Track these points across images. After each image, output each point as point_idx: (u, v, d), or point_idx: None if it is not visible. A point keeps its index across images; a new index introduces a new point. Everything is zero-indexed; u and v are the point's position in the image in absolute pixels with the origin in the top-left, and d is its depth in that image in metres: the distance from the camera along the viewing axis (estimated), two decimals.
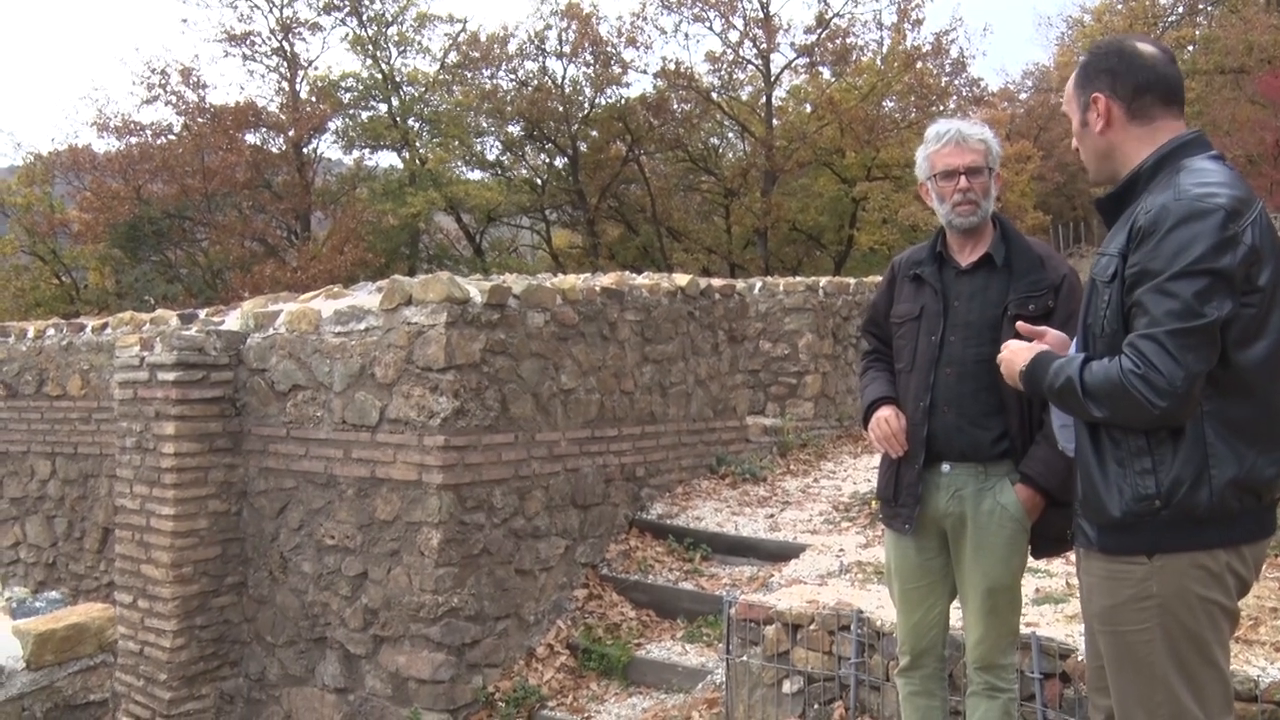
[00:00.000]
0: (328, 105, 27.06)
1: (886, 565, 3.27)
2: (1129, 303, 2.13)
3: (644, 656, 5.71)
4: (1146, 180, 2.21)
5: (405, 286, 5.79)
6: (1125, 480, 2.15)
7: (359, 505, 5.88)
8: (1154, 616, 2.14)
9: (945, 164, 3.07)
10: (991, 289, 3.06)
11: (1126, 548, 2.17)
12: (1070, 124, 2.38)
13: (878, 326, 3.34)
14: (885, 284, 3.31)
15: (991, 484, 3.01)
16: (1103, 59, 2.31)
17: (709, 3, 28.61)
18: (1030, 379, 2.33)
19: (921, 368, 3.08)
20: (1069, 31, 36.80)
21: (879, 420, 3.09)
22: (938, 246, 3.17)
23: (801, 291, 9.14)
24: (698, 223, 31.56)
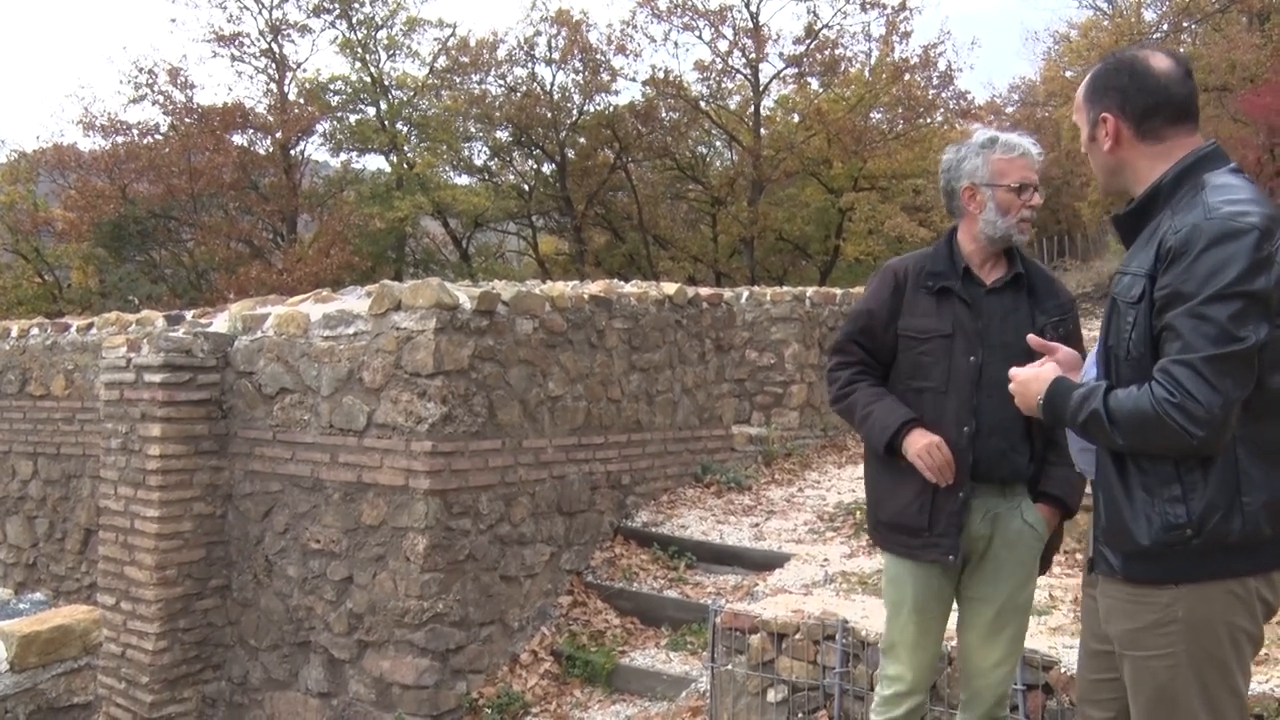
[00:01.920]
0: (316, 108, 27.00)
1: (897, 598, 3.02)
2: (1159, 325, 2.05)
3: (628, 664, 5.72)
4: (1167, 196, 2.14)
5: (395, 291, 5.80)
6: (1154, 509, 2.07)
7: (345, 510, 5.87)
8: (1178, 641, 2.08)
9: (1022, 177, 2.97)
10: (1021, 310, 3.00)
11: (1153, 577, 2.10)
12: (1080, 132, 2.34)
13: (870, 338, 3.06)
14: (887, 292, 3.05)
15: (1015, 504, 2.98)
16: (1113, 75, 2.23)
17: (699, 12, 28.69)
18: (1050, 409, 2.24)
19: (962, 390, 2.92)
20: (1055, 47, 37.04)
21: (930, 448, 2.86)
22: (957, 260, 3.03)
23: (788, 301, 9.18)
24: (684, 231, 31.61)
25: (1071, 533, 5.59)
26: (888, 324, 3.02)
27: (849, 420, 3.11)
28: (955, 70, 33.73)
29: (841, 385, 3.07)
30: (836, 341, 3.18)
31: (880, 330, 3.03)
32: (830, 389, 3.14)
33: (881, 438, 2.93)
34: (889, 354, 3.04)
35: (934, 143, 29.26)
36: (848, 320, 3.15)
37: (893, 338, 3.01)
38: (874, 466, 3.07)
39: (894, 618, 3.03)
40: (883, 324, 3.03)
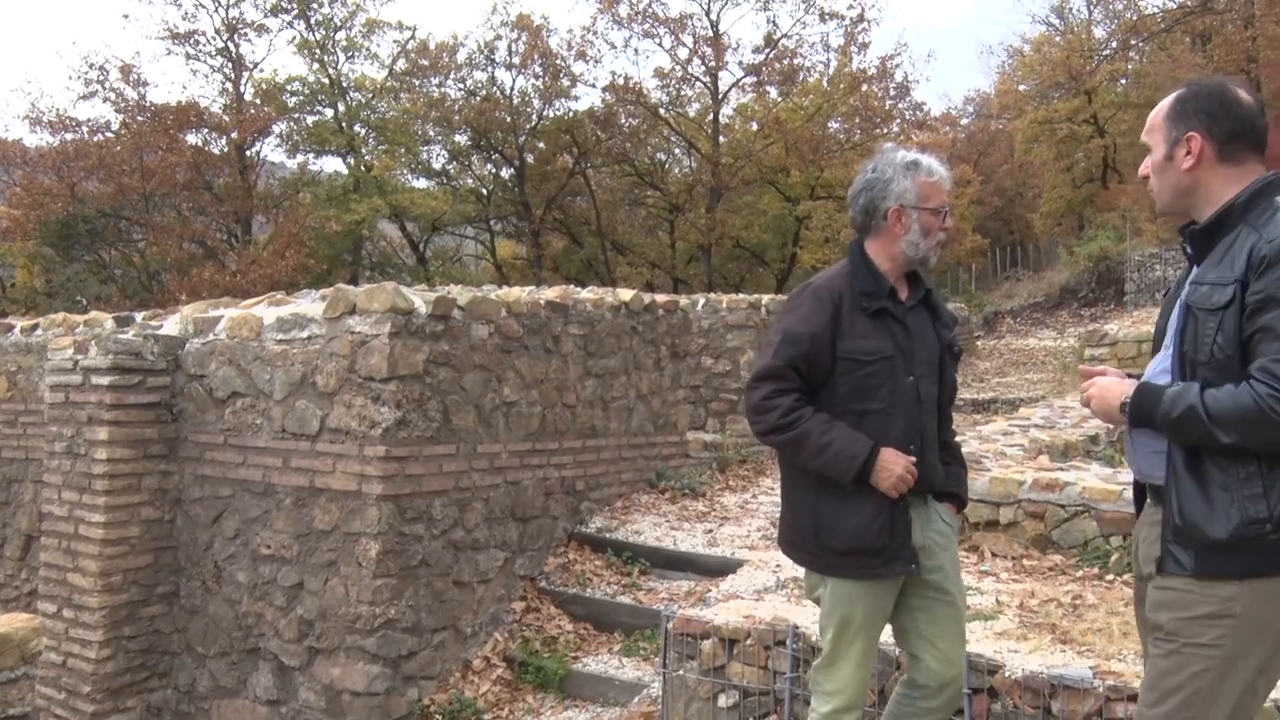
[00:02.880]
0: (272, 108, 26.74)
1: (846, 616, 2.98)
2: (1251, 328, 2.16)
3: (581, 670, 5.72)
4: (1240, 214, 2.27)
5: (349, 295, 5.77)
6: (1234, 505, 2.17)
7: (297, 515, 5.83)
8: (1230, 637, 2.17)
9: (941, 200, 3.05)
10: (929, 325, 3.09)
11: (1224, 570, 2.18)
12: (1153, 154, 2.43)
13: (810, 363, 2.96)
14: (827, 315, 2.96)
15: (932, 507, 3.09)
16: (1204, 100, 2.36)
17: (659, 19, 28.80)
18: (1139, 410, 2.30)
19: (907, 409, 2.96)
20: (1009, 60, 37.66)
21: (908, 467, 2.89)
22: (881, 279, 3.03)
23: (744, 309, 9.24)
24: (642, 237, 31.70)
25: (1009, 539, 5.68)
26: (829, 347, 2.94)
27: (793, 451, 2.95)
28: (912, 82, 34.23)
29: (783, 414, 2.92)
30: (769, 367, 2.97)
31: (822, 354, 2.94)
32: (764, 418, 2.95)
33: (851, 466, 2.87)
34: (823, 378, 2.97)
35: None
36: (781, 343, 2.96)
37: (831, 361, 2.94)
38: (816, 497, 2.99)
39: (841, 635, 2.99)
40: (825, 347, 2.94)
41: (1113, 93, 31.32)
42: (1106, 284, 22.36)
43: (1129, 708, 3.51)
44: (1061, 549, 5.54)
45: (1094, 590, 4.96)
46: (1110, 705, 3.55)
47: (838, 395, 2.95)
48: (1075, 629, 4.31)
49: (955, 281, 30.44)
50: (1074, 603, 4.73)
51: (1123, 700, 3.52)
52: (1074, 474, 5.88)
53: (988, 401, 12.63)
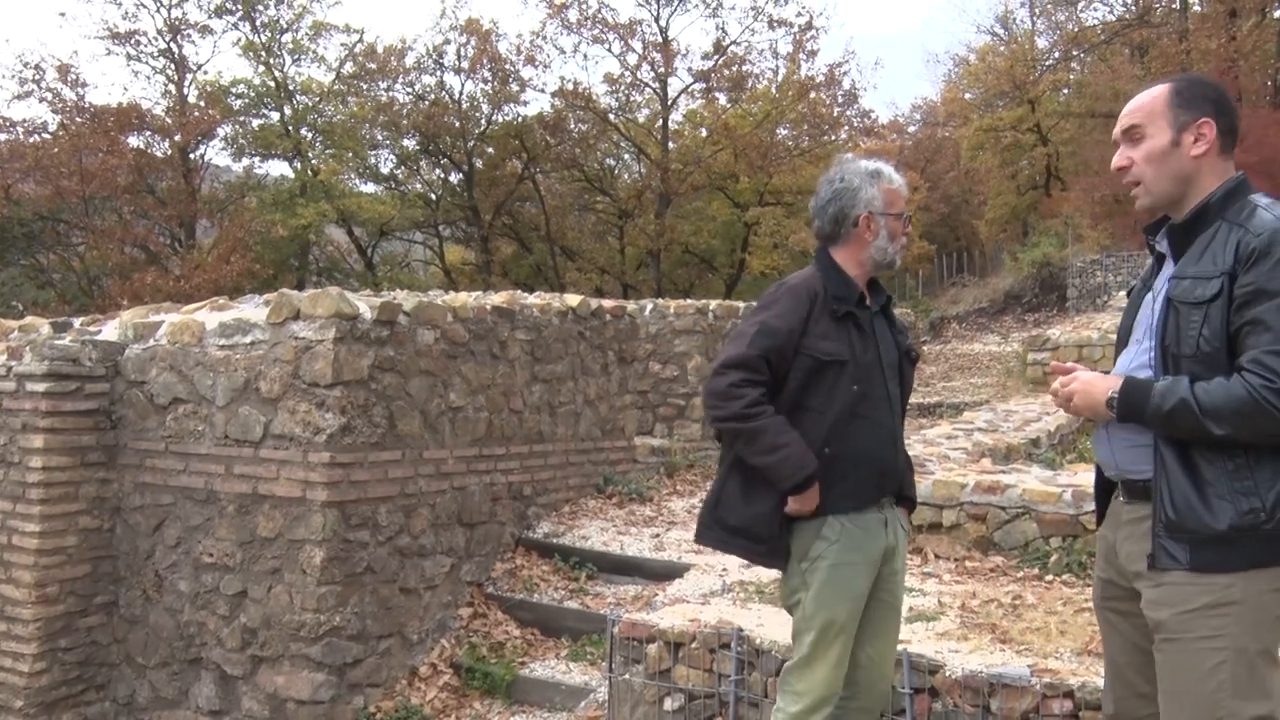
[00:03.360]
0: (217, 111, 26.41)
1: (830, 619, 3.00)
2: (1240, 320, 2.16)
3: (528, 675, 5.71)
4: (1217, 211, 2.26)
5: (293, 300, 5.72)
6: (1227, 498, 2.16)
7: (240, 522, 5.76)
8: (1232, 625, 2.16)
9: (902, 206, 3.15)
10: (888, 331, 3.19)
11: (1222, 563, 2.17)
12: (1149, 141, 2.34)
13: (780, 357, 3.01)
14: (804, 312, 3.04)
15: (895, 511, 3.16)
16: (1209, 89, 2.35)
17: (609, 25, 28.88)
18: (1127, 404, 2.26)
19: (887, 413, 3.08)
20: (955, 69, 38.23)
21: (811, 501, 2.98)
22: (851, 285, 3.11)
23: (691, 314, 9.29)
24: (592, 243, 31.74)
25: (952, 540, 5.77)
26: (798, 344, 3.01)
27: (744, 443, 2.99)
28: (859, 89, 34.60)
29: (748, 405, 2.96)
30: (742, 355, 3.00)
31: (791, 350, 3.01)
32: (728, 404, 2.97)
33: (795, 476, 2.92)
34: (785, 373, 3.03)
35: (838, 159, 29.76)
36: (755, 335, 3.01)
37: (792, 356, 3.02)
38: (728, 476, 3.10)
39: (822, 639, 3.01)
40: (795, 344, 3.01)
41: (1055, 102, 31.94)
42: (1049, 289, 22.76)
43: (1065, 704, 3.58)
44: (1003, 550, 5.63)
45: (1033, 590, 5.05)
46: (1047, 702, 3.61)
47: (788, 387, 3.02)
48: (1014, 628, 4.38)
49: (902, 287, 30.78)
50: (1014, 603, 4.81)
51: (1059, 697, 3.59)
52: (1015, 477, 5.97)
53: (933, 406, 12.79)
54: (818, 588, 3.00)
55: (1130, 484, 2.37)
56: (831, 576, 2.99)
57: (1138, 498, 2.35)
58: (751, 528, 3.05)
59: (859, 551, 3.02)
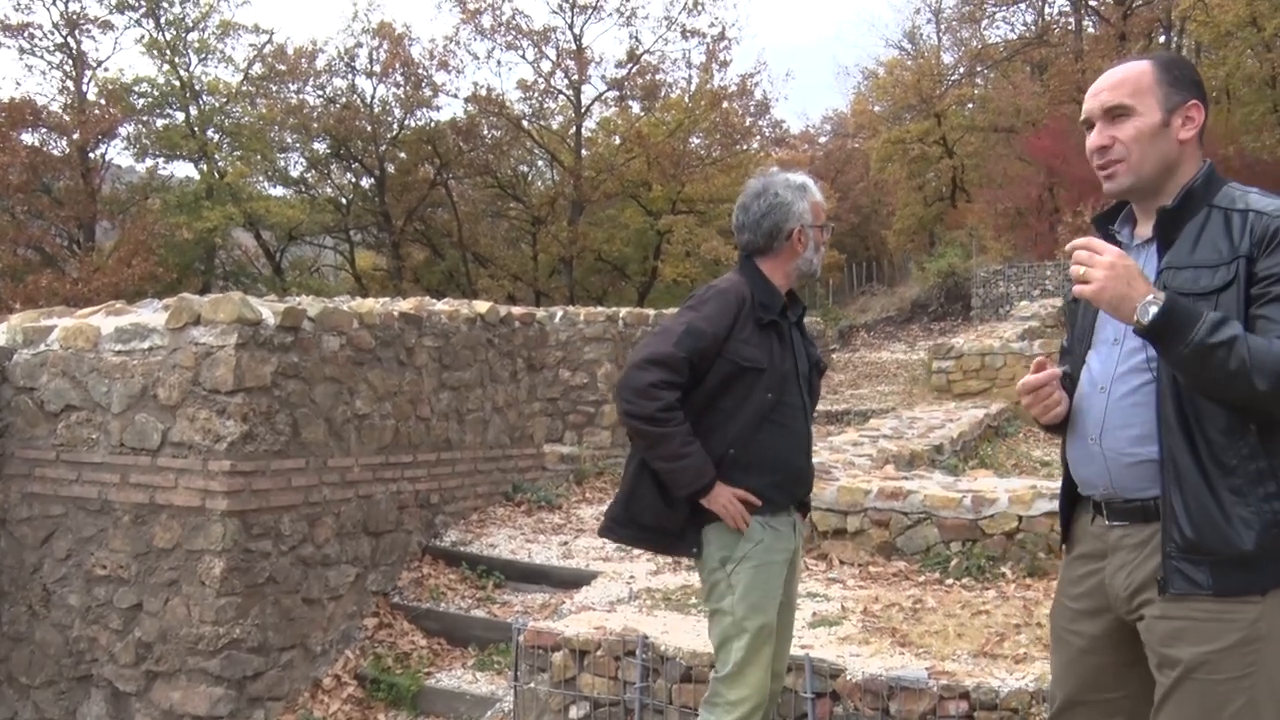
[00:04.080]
0: (118, 109, 25.64)
1: (761, 623, 3.03)
2: (1268, 296, 1.97)
3: (434, 685, 5.66)
4: (1202, 197, 2.12)
5: (193, 305, 5.59)
6: (1249, 509, 1.97)
7: (135, 533, 5.60)
8: (1260, 661, 1.98)
9: (824, 217, 3.25)
10: (801, 341, 3.25)
11: (1247, 585, 1.99)
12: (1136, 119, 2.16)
13: (703, 359, 3.03)
14: (731, 317, 3.06)
15: (795, 516, 3.24)
16: (1191, 70, 2.21)
17: (522, 31, 28.81)
18: (1168, 320, 1.93)
19: (800, 421, 3.16)
20: (864, 82, 38.98)
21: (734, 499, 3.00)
22: (776, 295, 3.16)
23: (601, 321, 9.30)
24: (504, 249, 31.60)
25: (856, 546, 5.87)
26: (721, 348, 3.03)
27: (650, 445, 3.00)
28: (771, 100, 35.05)
29: (662, 408, 2.96)
30: (667, 354, 3.00)
31: (714, 353, 3.02)
32: (643, 403, 2.97)
33: (693, 484, 2.97)
34: (702, 375, 3.04)
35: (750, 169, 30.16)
36: (682, 335, 3.02)
37: (714, 359, 3.03)
38: (639, 474, 3.11)
39: (754, 644, 3.01)
40: (718, 348, 3.03)
41: (960, 116, 32.77)
42: (954, 299, 23.30)
43: (960, 705, 3.67)
44: (905, 555, 5.74)
45: (934, 594, 5.16)
46: (944, 704, 3.70)
47: (704, 390, 3.04)
48: (914, 632, 4.47)
49: (813, 296, 31.24)
50: (914, 607, 4.91)
51: (955, 698, 3.68)
52: (917, 483, 6.10)
53: (841, 413, 12.99)
54: (744, 590, 3.01)
55: (1123, 506, 2.15)
56: (757, 578, 3.02)
57: (1135, 520, 2.13)
58: (662, 524, 3.09)
59: (779, 552, 3.08)
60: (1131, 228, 2.28)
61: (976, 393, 11.94)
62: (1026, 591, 5.10)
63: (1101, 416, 2.17)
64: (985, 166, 30.28)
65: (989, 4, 30.99)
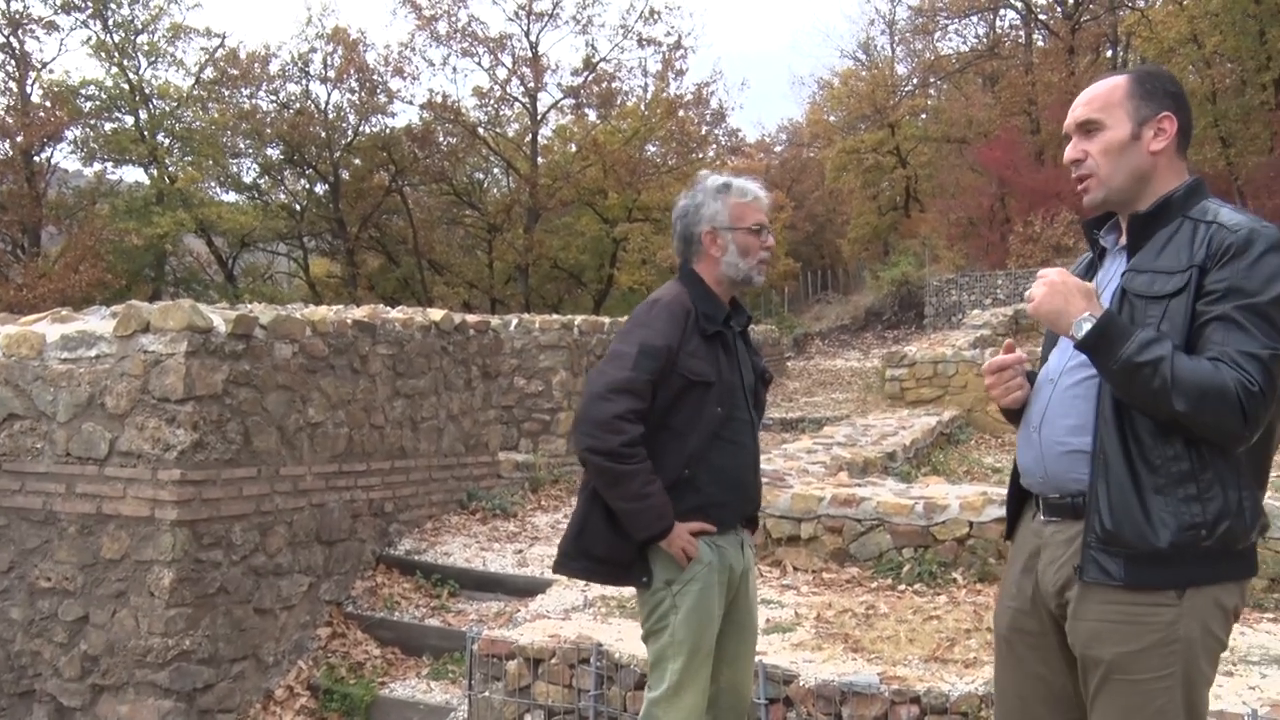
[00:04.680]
0: (64, 112, 25.20)
1: (695, 644, 2.93)
2: (1209, 314, 2.03)
3: (388, 695, 5.62)
4: (1179, 207, 2.16)
5: (142, 313, 5.52)
6: (1168, 509, 2.03)
7: (82, 544, 5.51)
8: (1178, 661, 2.05)
9: (756, 219, 3.02)
10: (746, 352, 3.13)
11: (1160, 581, 2.05)
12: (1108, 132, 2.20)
13: (662, 379, 2.90)
14: (680, 331, 2.93)
15: (744, 534, 3.12)
16: (1168, 82, 2.24)
17: (478, 38, 28.77)
18: (1101, 335, 2.02)
19: (749, 436, 3.03)
20: (820, 91, 39.33)
21: (689, 540, 2.89)
22: (719, 304, 3.03)
23: (557, 329, 9.30)
24: (460, 256, 31.50)
25: (810, 553, 5.91)
26: (674, 364, 2.91)
27: (608, 481, 2.87)
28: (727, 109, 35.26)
29: (626, 443, 2.83)
30: (629, 380, 2.86)
31: (670, 370, 2.90)
32: (607, 437, 2.84)
33: (653, 528, 2.85)
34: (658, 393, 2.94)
35: None
36: (640, 356, 2.88)
37: (668, 377, 2.92)
38: (590, 505, 2.98)
39: (689, 665, 2.92)
40: (673, 363, 2.90)
41: (914, 126, 33.18)
42: (908, 307, 23.54)
43: (911, 710, 3.72)
44: (858, 561, 5.79)
45: (886, 600, 5.21)
46: (895, 709, 3.74)
47: (654, 407, 2.90)
48: (867, 637, 4.52)
49: (768, 304, 31.41)
50: (867, 613, 4.96)
51: (906, 703, 3.73)
52: (870, 489, 6.16)
53: (795, 420, 13.06)
54: (687, 611, 2.91)
55: (1056, 502, 2.21)
56: (700, 600, 2.92)
57: (1065, 516, 2.19)
58: (615, 555, 2.95)
59: (723, 573, 2.97)
60: (1117, 235, 2.34)
61: (929, 400, 12.06)
62: (977, 597, 5.16)
63: (1045, 406, 2.25)
64: (938, 176, 30.69)
65: (942, 16, 31.45)
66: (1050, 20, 29.58)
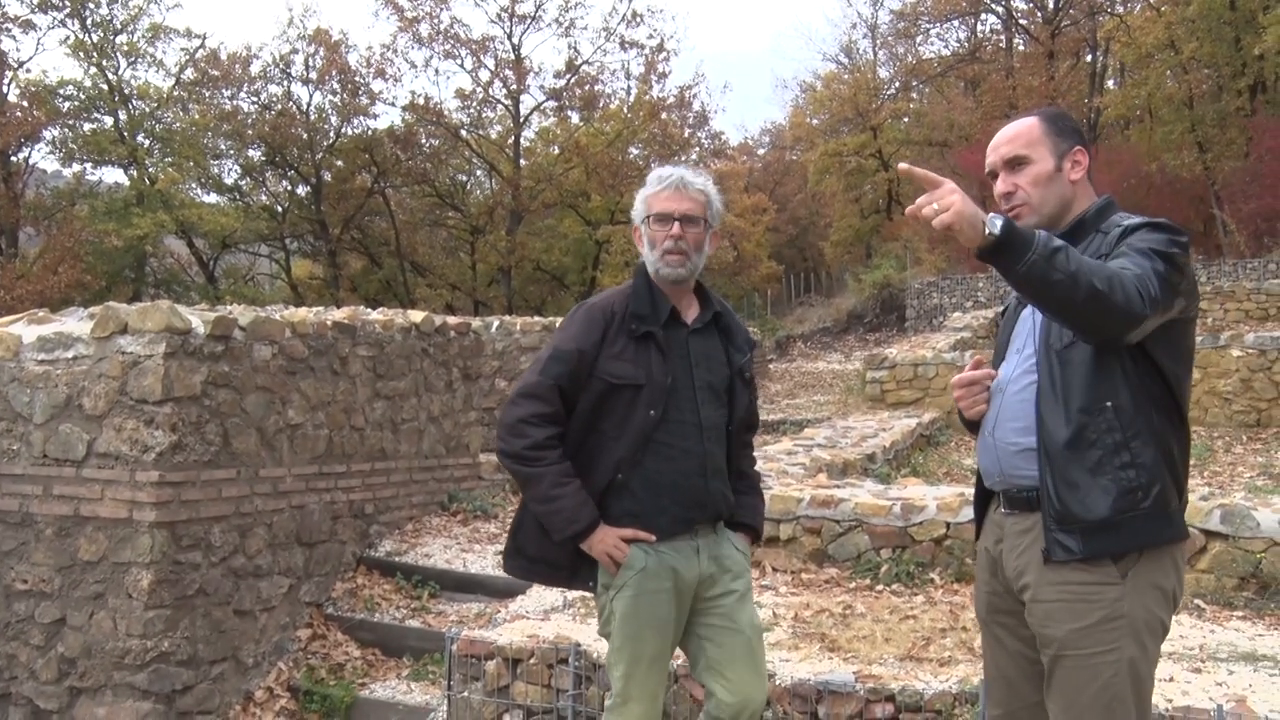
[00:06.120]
0: (42, 112, 25.02)
1: (636, 653, 2.87)
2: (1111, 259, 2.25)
3: (368, 696, 5.62)
4: (1092, 224, 2.40)
5: (120, 314, 5.51)
6: (1108, 478, 2.24)
7: (59, 546, 5.49)
8: (1123, 637, 2.23)
9: (662, 207, 2.89)
10: (718, 349, 2.99)
11: (1113, 546, 2.24)
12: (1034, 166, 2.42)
13: (573, 382, 2.86)
14: (598, 333, 2.87)
15: (723, 536, 2.99)
16: (1072, 121, 2.53)
17: (461, 40, 28.75)
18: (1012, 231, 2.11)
19: (692, 439, 2.88)
20: (802, 95, 39.45)
21: (617, 543, 2.83)
22: (660, 302, 2.92)
23: (538, 331, 9.31)
24: (443, 258, 31.45)
25: (789, 554, 5.94)
26: (592, 366, 2.86)
27: (523, 485, 2.89)
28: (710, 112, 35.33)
29: (530, 446, 2.83)
30: (532, 385, 2.87)
31: (585, 374, 2.86)
32: (512, 441, 2.85)
33: (565, 531, 2.82)
34: (578, 396, 2.88)
35: None
36: (547, 361, 2.88)
37: (587, 379, 2.86)
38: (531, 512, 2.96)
39: (631, 674, 2.87)
40: (589, 367, 2.86)
41: (896, 130, 33.31)
42: (890, 310, 23.64)
43: (886, 708, 3.75)
44: (837, 562, 5.83)
45: (863, 600, 5.25)
46: (870, 707, 3.78)
47: (579, 409, 2.87)
48: (843, 637, 4.55)
49: (751, 306, 31.50)
50: (844, 612, 4.99)
51: (881, 701, 3.76)
52: (849, 491, 6.19)
53: (777, 422, 13.09)
54: (622, 617, 2.86)
55: (1013, 496, 2.40)
56: (634, 607, 2.84)
57: (1021, 509, 2.38)
58: (548, 556, 2.92)
59: (664, 580, 2.86)
60: None
61: (909, 402, 12.12)
62: (954, 597, 5.20)
63: (997, 413, 2.46)
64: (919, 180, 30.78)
65: (923, 20, 31.61)
66: (1030, 25, 29.79)
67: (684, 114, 30.19)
